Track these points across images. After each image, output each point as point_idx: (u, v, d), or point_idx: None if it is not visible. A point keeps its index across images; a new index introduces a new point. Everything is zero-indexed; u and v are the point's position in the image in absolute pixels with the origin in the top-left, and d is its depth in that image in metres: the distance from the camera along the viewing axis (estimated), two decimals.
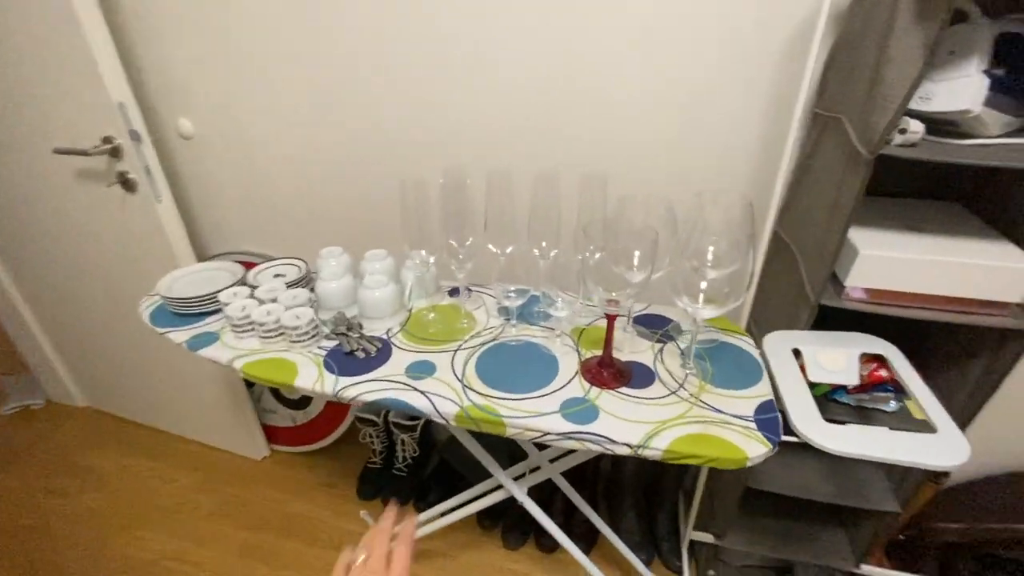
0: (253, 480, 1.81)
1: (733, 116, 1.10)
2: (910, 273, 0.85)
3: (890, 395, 0.98)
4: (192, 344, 0.93)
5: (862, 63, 0.81)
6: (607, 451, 0.72)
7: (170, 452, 1.92)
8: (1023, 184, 0.89)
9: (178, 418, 1.92)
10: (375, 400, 0.79)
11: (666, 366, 0.86)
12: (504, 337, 0.94)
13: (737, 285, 0.71)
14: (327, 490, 1.78)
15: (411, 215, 0.88)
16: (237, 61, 1.32)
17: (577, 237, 0.91)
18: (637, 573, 1.41)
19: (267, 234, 1.62)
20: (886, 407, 0.97)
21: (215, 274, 1.09)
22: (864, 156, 0.76)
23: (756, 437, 0.71)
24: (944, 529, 1.32)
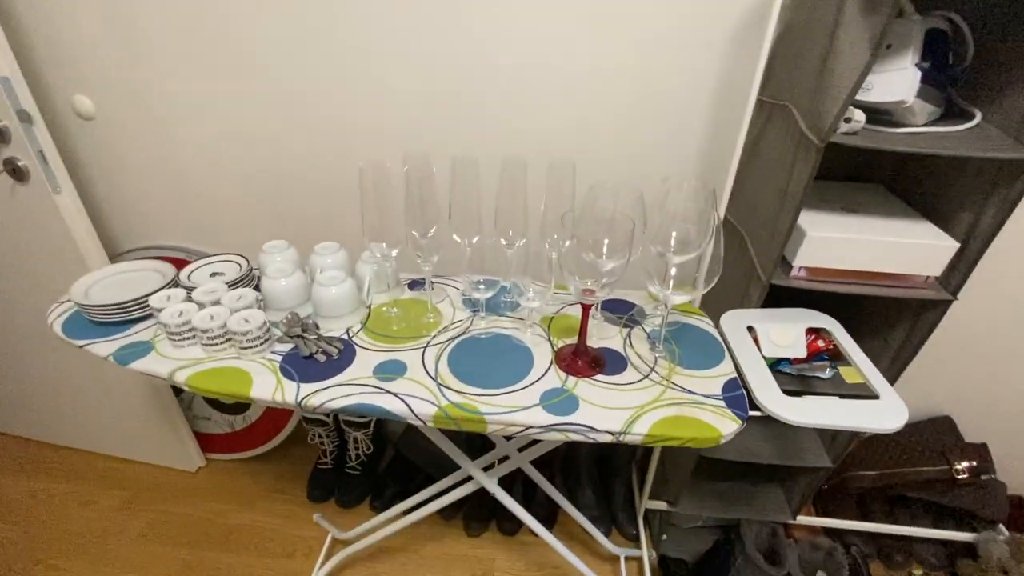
0: (188, 494, 1.67)
1: (684, 103, 1.13)
2: (849, 252, 0.92)
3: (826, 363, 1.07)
4: (121, 357, 0.82)
5: (809, 53, 0.86)
6: (589, 439, 0.73)
7: (88, 472, 1.73)
8: (940, 168, 0.99)
9: (94, 434, 1.72)
10: (345, 407, 0.75)
11: (636, 351, 0.87)
12: (474, 330, 0.92)
13: (709, 270, 0.73)
14: (274, 496, 1.68)
15: (370, 204, 0.83)
16: (144, 24, 1.16)
17: (545, 225, 0.90)
18: (597, 545, 1.47)
19: (196, 227, 1.47)
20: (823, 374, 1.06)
21: (141, 275, 0.97)
22: (815, 143, 0.80)
23: (727, 415, 0.74)
24: (860, 476, 1.49)
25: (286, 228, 1.41)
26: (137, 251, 1.49)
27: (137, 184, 1.40)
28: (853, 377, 1.08)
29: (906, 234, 0.92)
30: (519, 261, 0.88)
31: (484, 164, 0.85)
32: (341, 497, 1.65)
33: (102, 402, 1.59)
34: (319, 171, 1.31)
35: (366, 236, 0.85)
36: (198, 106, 1.25)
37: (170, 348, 0.85)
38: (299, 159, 1.30)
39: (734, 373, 0.82)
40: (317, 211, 1.38)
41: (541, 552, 1.51)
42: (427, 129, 1.22)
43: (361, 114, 1.22)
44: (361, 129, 1.24)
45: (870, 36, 0.73)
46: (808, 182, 0.83)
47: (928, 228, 0.95)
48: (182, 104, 1.25)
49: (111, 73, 1.22)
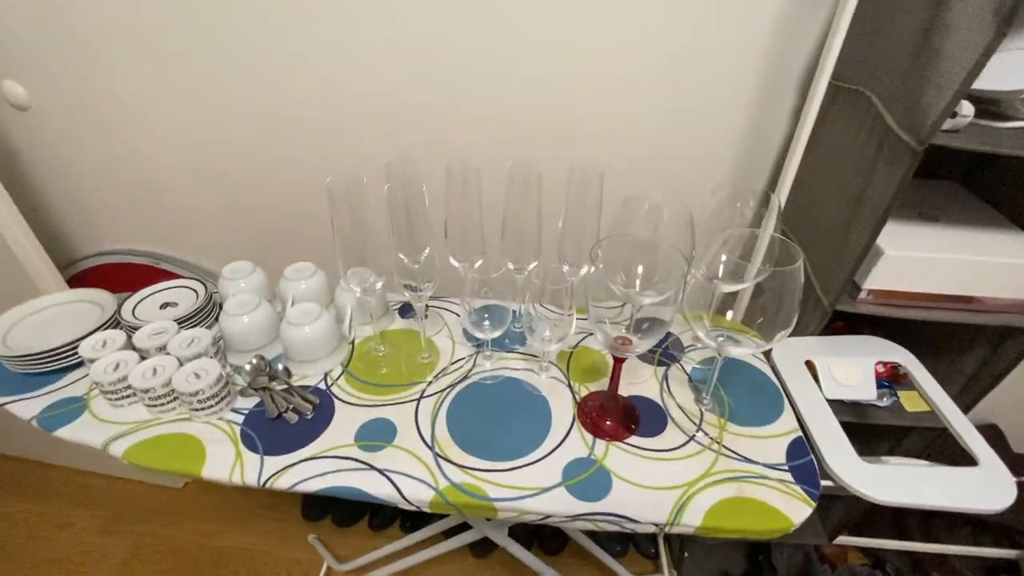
0: (174, 513, 1.56)
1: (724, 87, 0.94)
2: (932, 272, 0.76)
3: (885, 391, 0.92)
4: (46, 420, 0.67)
5: (898, 26, 0.67)
6: (627, 530, 0.58)
7: (63, 490, 1.61)
8: None
9: (70, 447, 1.59)
10: (321, 490, 0.60)
11: (676, 400, 0.72)
12: (477, 372, 0.76)
13: (782, 312, 0.56)
14: (267, 515, 1.57)
15: (343, 226, 0.65)
16: (84, 8, 0.95)
17: (563, 247, 0.73)
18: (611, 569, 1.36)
19: (161, 230, 1.29)
20: (880, 403, 0.91)
21: (74, 310, 0.80)
22: (911, 145, 0.62)
23: (796, 494, 0.60)
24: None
25: (260, 231, 1.24)
26: (94, 257, 1.32)
27: (90, 184, 1.21)
28: (915, 405, 0.94)
29: (1001, 250, 0.76)
30: (525, 285, 0.71)
31: (486, 172, 0.68)
32: (338, 515, 1.54)
33: None
34: (295, 171, 1.13)
35: (341, 264, 0.68)
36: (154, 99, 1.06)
37: (107, 407, 0.69)
38: (273, 159, 1.12)
39: (798, 431, 0.67)
40: (293, 215, 1.20)
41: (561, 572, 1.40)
42: (422, 125, 1.03)
43: (344, 109, 1.03)
44: (344, 126, 1.06)
45: (995, 6, 0.54)
46: (896, 192, 0.66)
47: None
48: (137, 97, 1.06)
49: (48, 60, 1.03)
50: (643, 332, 0.58)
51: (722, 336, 0.62)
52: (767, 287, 0.56)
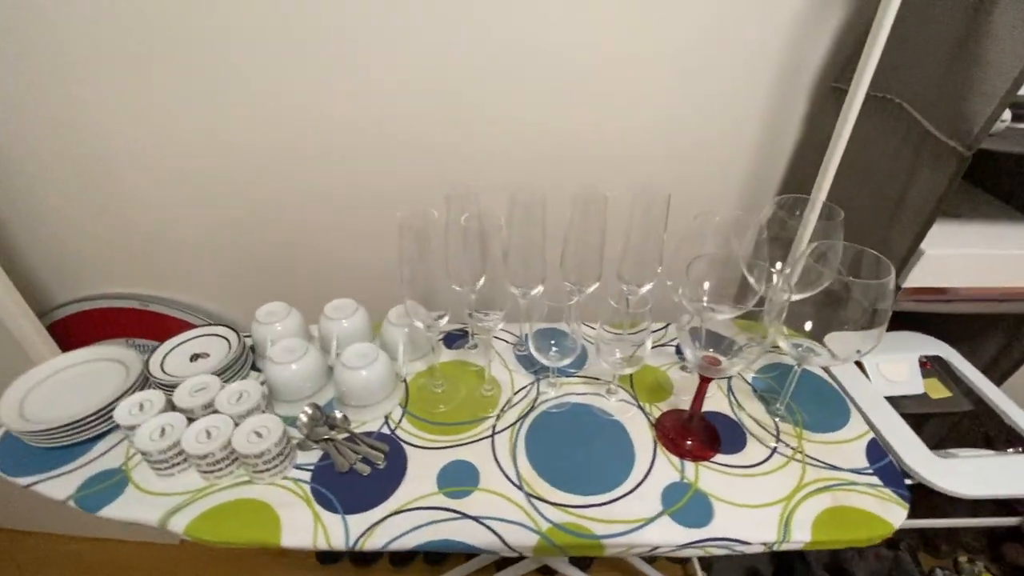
0: (174, 571, 1.44)
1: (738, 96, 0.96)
2: (965, 269, 0.80)
3: None
4: (87, 501, 0.60)
5: (932, 37, 0.70)
6: (736, 553, 0.58)
7: (50, 559, 1.46)
8: None
9: (53, 513, 1.45)
10: (419, 546, 0.56)
11: (747, 412, 0.72)
12: (543, 401, 0.74)
13: (879, 318, 0.57)
14: (278, 562, 1.48)
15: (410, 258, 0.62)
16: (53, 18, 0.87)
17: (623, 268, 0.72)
18: None
19: (141, 268, 1.19)
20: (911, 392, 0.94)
21: (93, 369, 0.73)
22: (958, 150, 0.65)
23: (888, 497, 0.61)
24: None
25: (257, 265, 1.17)
26: (75, 303, 1.21)
27: (65, 224, 1.11)
28: (938, 392, 0.98)
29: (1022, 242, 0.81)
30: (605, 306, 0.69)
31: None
32: (357, 556, 1.47)
33: None
34: (294, 201, 1.07)
35: (407, 296, 0.65)
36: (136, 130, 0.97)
37: (152, 477, 0.63)
38: (270, 188, 1.05)
39: (870, 433, 0.69)
40: (293, 247, 1.14)
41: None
42: (424, 154, 1.00)
43: (341, 137, 0.98)
44: (342, 154, 1.01)
45: None
46: (944, 195, 0.68)
47: None
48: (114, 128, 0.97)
49: (13, 90, 0.93)
50: (733, 352, 0.57)
51: (801, 346, 0.63)
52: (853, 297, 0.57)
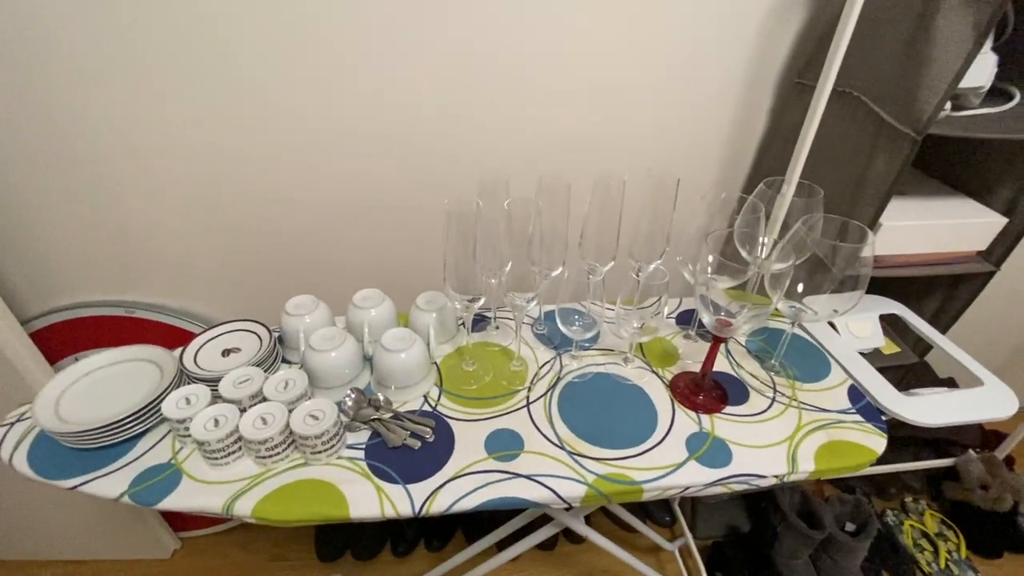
0: None
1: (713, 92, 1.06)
2: (913, 237, 0.93)
3: None
4: (142, 496, 0.61)
5: (887, 39, 0.82)
6: (753, 487, 0.66)
7: None
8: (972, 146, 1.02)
9: (30, 539, 1.37)
10: (480, 505, 0.61)
11: (746, 370, 0.82)
12: (567, 373, 0.80)
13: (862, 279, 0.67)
14: (276, 565, 1.47)
15: (454, 246, 0.67)
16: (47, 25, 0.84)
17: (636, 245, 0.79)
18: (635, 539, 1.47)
19: (126, 272, 1.16)
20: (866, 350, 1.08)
21: (123, 371, 0.72)
22: (910, 135, 0.77)
23: (870, 430, 0.72)
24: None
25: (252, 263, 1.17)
26: (53, 313, 1.16)
27: (45, 227, 1.06)
28: (890, 348, 1.12)
29: (959, 213, 0.95)
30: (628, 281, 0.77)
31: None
32: (357, 550, 1.48)
33: (37, 506, 1.26)
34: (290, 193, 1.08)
35: (448, 284, 0.69)
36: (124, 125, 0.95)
37: (205, 467, 0.64)
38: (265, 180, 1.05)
39: (850, 380, 0.80)
40: (289, 242, 1.15)
41: (585, 559, 1.48)
42: (449, 138, 1.04)
43: (342, 124, 1.01)
44: (341, 144, 1.03)
45: (975, 22, 0.70)
46: (898, 175, 0.80)
47: (971, 205, 0.98)
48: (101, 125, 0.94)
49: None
50: (742, 315, 0.66)
51: (792, 307, 0.73)
52: (836, 262, 0.67)
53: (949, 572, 1.41)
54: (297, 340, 0.76)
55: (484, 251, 0.71)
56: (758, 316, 0.65)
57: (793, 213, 0.76)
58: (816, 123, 0.87)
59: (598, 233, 0.77)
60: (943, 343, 0.89)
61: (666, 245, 0.78)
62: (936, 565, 1.42)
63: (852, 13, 0.77)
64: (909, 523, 1.53)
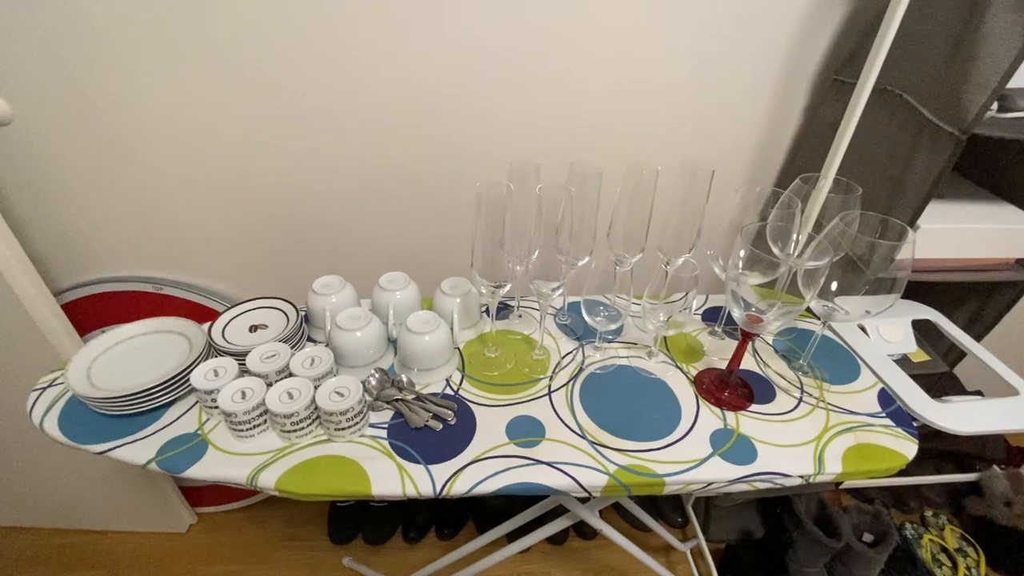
0: (181, 559, 1.43)
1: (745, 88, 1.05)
2: (951, 241, 0.90)
3: None
4: (169, 463, 0.62)
5: (930, 36, 0.79)
6: (777, 486, 0.65)
7: (47, 554, 1.42)
8: (1007, 148, 0.98)
9: (50, 508, 1.41)
10: (500, 490, 0.61)
11: (773, 369, 0.81)
12: (590, 364, 0.80)
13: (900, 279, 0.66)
14: (290, 545, 1.49)
15: (483, 231, 0.66)
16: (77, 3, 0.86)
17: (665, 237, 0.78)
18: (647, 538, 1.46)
19: (156, 250, 1.18)
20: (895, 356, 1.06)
21: (153, 341, 0.74)
22: (955, 135, 0.75)
23: (901, 435, 0.70)
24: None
25: (278, 246, 1.18)
26: (84, 286, 1.18)
27: (79, 203, 1.09)
28: (919, 356, 1.09)
29: (998, 219, 0.92)
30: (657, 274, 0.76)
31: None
32: (369, 534, 1.50)
33: (56, 471, 1.29)
34: (317, 175, 1.09)
35: (475, 269, 0.69)
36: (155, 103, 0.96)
37: (230, 439, 0.65)
38: (293, 163, 1.06)
39: (880, 384, 0.78)
40: (315, 225, 1.16)
41: (595, 555, 1.47)
42: (452, 128, 1.04)
43: (372, 106, 1.01)
44: (372, 124, 1.03)
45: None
46: (940, 176, 0.78)
47: (1011, 210, 0.95)
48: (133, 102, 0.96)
49: (32, 65, 0.91)
50: (773, 312, 0.65)
51: (825, 306, 0.71)
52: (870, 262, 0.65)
53: None
54: (323, 319, 0.77)
55: (512, 237, 0.70)
56: (789, 313, 0.64)
57: (829, 210, 0.75)
58: (855, 120, 0.84)
59: (627, 224, 0.76)
60: (978, 351, 0.86)
61: (696, 239, 0.77)
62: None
63: (898, 8, 0.75)
64: (928, 537, 1.50)
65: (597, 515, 0.96)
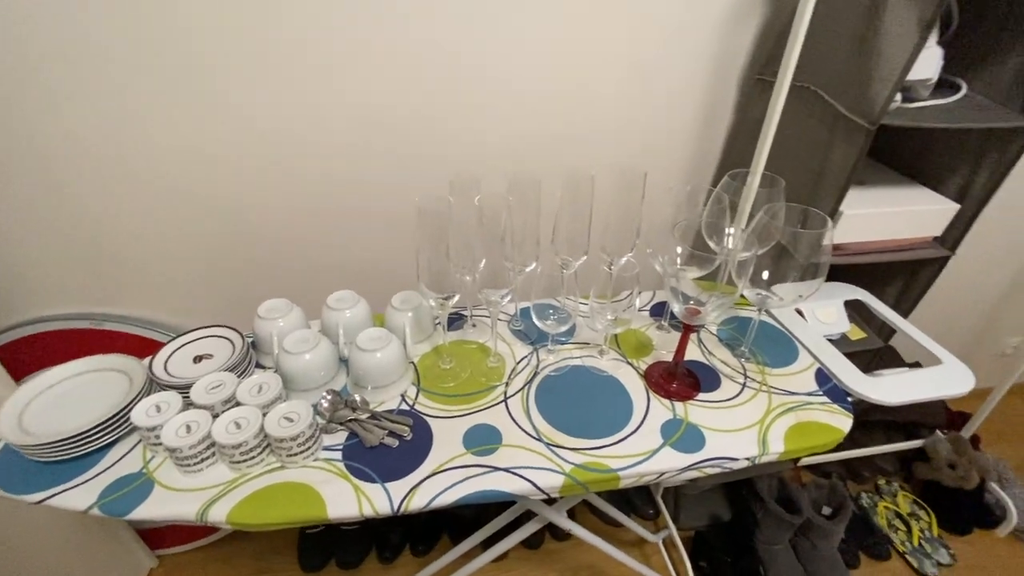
0: None
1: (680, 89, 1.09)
2: (873, 225, 0.97)
3: None
4: (112, 506, 0.60)
5: (837, 35, 0.85)
6: (726, 470, 0.68)
7: None
8: (922, 135, 1.06)
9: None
10: (460, 500, 0.61)
11: (718, 357, 0.84)
12: (544, 367, 0.81)
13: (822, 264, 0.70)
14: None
15: (427, 244, 0.67)
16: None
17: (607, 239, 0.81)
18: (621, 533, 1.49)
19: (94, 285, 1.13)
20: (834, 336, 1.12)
21: (90, 380, 0.71)
22: (864, 126, 0.80)
23: (837, 410, 0.74)
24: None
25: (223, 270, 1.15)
26: (18, 327, 1.12)
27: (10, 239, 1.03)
28: (856, 334, 1.16)
29: (915, 201, 0.99)
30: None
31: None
32: (342, 558, 1.46)
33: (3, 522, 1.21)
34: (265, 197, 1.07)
35: (422, 282, 0.70)
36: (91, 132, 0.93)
37: (178, 475, 0.63)
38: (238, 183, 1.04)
39: (817, 364, 0.83)
40: (261, 247, 1.13)
41: (571, 556, 1.48)
42: (406, 144, 1.05)
43: (319, 125, 1.00)
44: (317, 144, 1.03)
45: (919, 17, 0.73)
46: (856, 164, 0.83)
47: (926, 193, 1.02)
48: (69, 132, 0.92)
49: None
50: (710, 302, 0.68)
51: (759, 294, 0.75)
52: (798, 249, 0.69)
53: (922, 550, 1.45)
54: (271, 344, 0.76)
55: (457, 249, 0.71)
56: (724, 303, 0.67)
57: (758, 204, 0.79)
58: (777, 117, 0.89)
59: (570, 228, 0.78)
60: (904, 326, 0.93)
61: (636, 238, 0.80)
62: (910, 543, 1.47)
63: (806, 10, 0.80)
64: (883, 504, 1.58)
65: (565, 515, 0.97)
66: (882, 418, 1.66)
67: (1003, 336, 1.82)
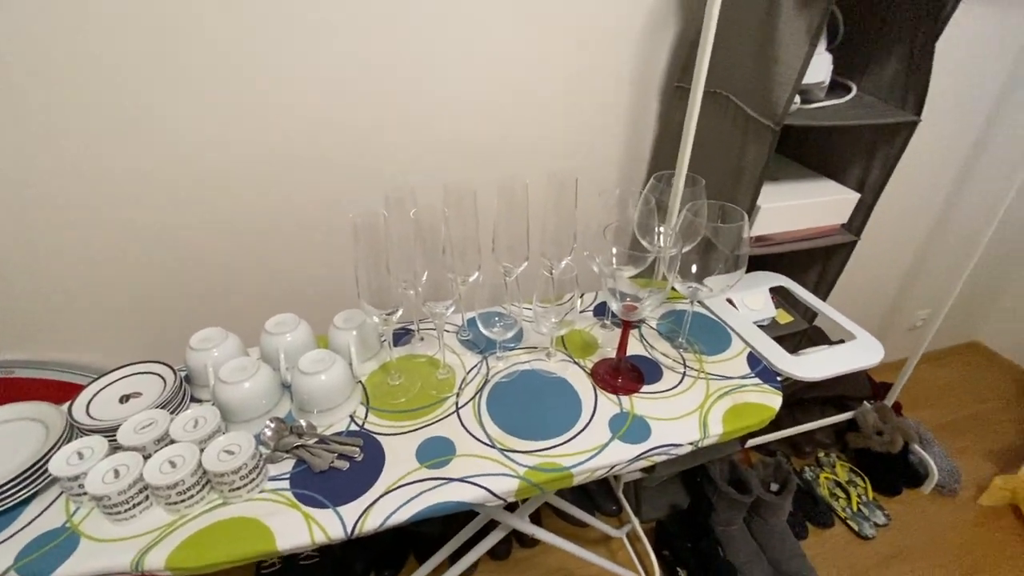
0: None
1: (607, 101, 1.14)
2: (788, 216, 1.05)
3: None
4: (32, 568, 0.55)
5: (741, 44, 0.92)
6: (671, 456, 0.71)
7: None
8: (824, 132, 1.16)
9: None
10: (415, 515, 0.61)
11: (659, 350, 0.88)
12: (495, 374, 0.82)
13: (742, 256, 0.75)
14: None
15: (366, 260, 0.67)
16: None
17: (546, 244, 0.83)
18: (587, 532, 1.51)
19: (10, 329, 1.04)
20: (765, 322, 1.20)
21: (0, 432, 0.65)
22: (770, 127, 0.87)
23: (767, 390, 0.79)
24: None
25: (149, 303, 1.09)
26: None
27: None
28: (784, 318, 1.25)
29: (822, 192, 1.08)
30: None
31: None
32: None
33: None
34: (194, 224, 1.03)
35: (363, 299, 0.69)
36: None
37: (107, 525, 0.59)
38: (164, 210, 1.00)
39: (748, 349, 0.88)
40: (205, 280, 1.09)
41: (540, 562, 1.49)
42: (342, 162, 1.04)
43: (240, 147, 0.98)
44: (241, 167, 1.00)
45: (807, 28, 0.81)
46: (767, 161, 0.90)
47: (831, 184, 1.12)
48: None
49: None
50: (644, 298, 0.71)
51: (690, 287, 0.79)
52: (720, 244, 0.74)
53: (861, 514, 1.56)
54: (206, 376, 0.72)
55: (397, 263, 0.71)
56: (656, 298, 0.70)
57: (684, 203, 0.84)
58: (695, 121, 0.96)
59: (509, 236, 0.80)
60: (823, 307, 1.00)
61: (574, 242, 0.83)
62: (850, 509, 1.58)
63: (711, 21, 0.86)
64: (824, 475, 1.68)
65: (527, 520, 0.98)
66: (816, 395, 1.78)
67: (914, 310, 2.00)
